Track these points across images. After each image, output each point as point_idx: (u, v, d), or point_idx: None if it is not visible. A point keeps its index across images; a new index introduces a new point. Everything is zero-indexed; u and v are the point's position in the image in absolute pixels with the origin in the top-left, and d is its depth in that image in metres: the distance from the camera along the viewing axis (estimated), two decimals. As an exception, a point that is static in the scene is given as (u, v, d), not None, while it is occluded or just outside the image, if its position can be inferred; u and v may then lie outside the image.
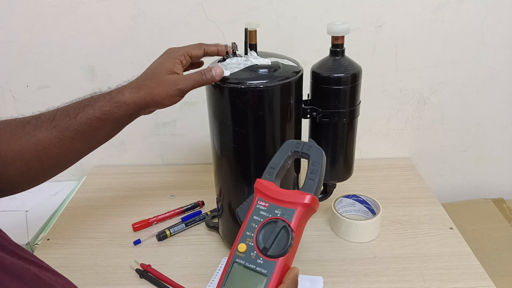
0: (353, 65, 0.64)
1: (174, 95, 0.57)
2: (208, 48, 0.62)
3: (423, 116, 0.98)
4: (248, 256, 0.39)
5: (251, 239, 0.39)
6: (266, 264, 0.38)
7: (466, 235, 0.77)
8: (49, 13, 0.86)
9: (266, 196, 0.41)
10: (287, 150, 0.45)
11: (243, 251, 0.39)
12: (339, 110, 0.64)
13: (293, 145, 0.45)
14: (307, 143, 0.45)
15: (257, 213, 0.40)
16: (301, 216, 0.40)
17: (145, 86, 0.57)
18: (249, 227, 0.40)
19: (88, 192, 0.94)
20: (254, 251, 0.39)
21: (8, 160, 0.51)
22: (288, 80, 0.60)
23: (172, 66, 0.58)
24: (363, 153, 1.02)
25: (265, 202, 0.41)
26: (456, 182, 1.06)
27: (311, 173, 0.42)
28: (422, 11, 0.87)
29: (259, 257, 0.38)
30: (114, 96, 0.57)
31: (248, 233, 0.40)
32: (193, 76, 0.58)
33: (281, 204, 0.40)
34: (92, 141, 0.59)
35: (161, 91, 0.57)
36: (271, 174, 0.43)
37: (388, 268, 0.70)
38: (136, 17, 0.87)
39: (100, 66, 0.92)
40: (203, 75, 0.57)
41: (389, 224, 0.80)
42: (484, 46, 0.91)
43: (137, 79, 0.60)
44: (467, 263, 0.70)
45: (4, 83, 0.93)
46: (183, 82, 0.57)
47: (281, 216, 0.39)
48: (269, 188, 0.41)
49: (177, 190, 0.93)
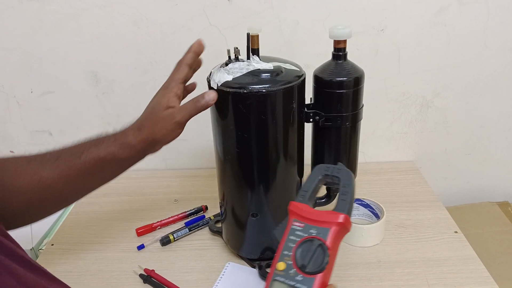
0: (356, 69, 0.64)
1: (174, 129, 0.57)
2: (189, 61, 0.61)
3: (427, 119, 0.98)
4: (287, 274, 0.41)
5: (289, 258, 0.42)
6: (305, 280, 0.40)
7: (470, 238, 0.76)
8: (53, 20, 0.87)
9: (300, 217, 0.43)
10: (318, 174, 0.47)
11: (282, 269, 0.41)
12: (342, 114, 0.64)
13: (323, 169, 0.48)
14: (336, 167, 0.47)
15: (293, 233, 0.43)
16: (336, 234, 0.42)
17: (145, 127, 0.57)
18: (286, 247, 0.42)
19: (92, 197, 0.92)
20: (293, 269, 0.41)
21: (11, 195, 0.52)
22: (291, 84, 0.60)
23: (167, 101, 0.58)
24: (367, 157, 1.02)
25: (300, 222, 0.43)
26: (460, 185, 1.06)
27: (343, 194, 0.44)
28: (424, 14, 0.87)
29: (298, 274, 0.41)
30: (119, 138, 0.57)
31: (285, 252, 0.42)
32: (188, 106, 0.58)
33: (315, 224, 0.42)
34: (95, 180, 0.59)
35: (161, 128, 0.57)
36: (304, 196, 0.45)
37: (393, 273, 0.69)
38: (139, 23, 0.87)
39: (103, 71, 0.92)
40: (197, 102, 0.57)
41: (393, 228, 0.79)
42: (486, 49, 0.91)
43: (138, 120, 0.59)
44: (472, 267, 0.70)
45: (8, 89, 0.93)
46: (179, 114, 0.57)
47: (317, 235, 0.42)
48: (303, 209, 0.44)
49: (181, 194, 0.93)
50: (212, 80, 0.61)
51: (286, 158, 0.65)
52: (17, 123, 0.97)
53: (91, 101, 0.95)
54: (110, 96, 0.95)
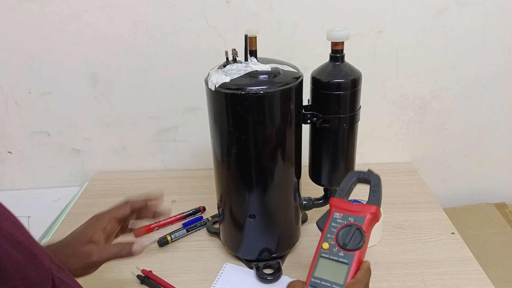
0: (353, 70, 0.64)
1: (88, 267, 0.54)
2: (135, 205, 0.60)
3: (425, 121, 0.98)
4: (331, 251, 0.52)
5: (332, 239, 0.52)
6: (346, 256, 0.51)
7: (468, 240, 0.77)
8: (52, 21, 0.87)
9: (340, 208, 0.55)
10: (352, 177, 0.59)
11: (327, 248, 0.52)
12: (339, 115, 0.64)
13: (356, 174, 0.59)
14: (367, 172, 0.58)
15: (334, 221, 0.54)
16: (370, 221, 0.53)
17: (60, 254, 0.53)
18: (329, 231, 0.53)
19: (90, 198, 0.94)
20: (335, 248, 0.52)
21: None
22: (288, 86, 0.60)
23: (91, 235, 0.56)
24: (365, 158, 1.02)
25: (340, 213, 0.54)
26: (458, 187, 1.06)
27: (373, 191, 0.56)
28: (422, 16, 0.88)
29: (340, 251, 0.51)
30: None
31: (329, 235, 0.53)
32: (111, 249, 0.56)
33: (353, 213, 0.54)
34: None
35: (73, 262, 0.53)
36: (341, 194, 0.57)
37: (390, 274, 0.70)
38: (138, 24, 0.88)
39: (103, 72, 0.92)
40: (122, 250, 0.56)
41: (391, 229, 0.80)
42: (485, 51, 0.91)
43: (59, 242, 0.56)
44: (469, 268, 0.70)
45: (7, 90, 0.94)
46: (98, 254, 0.54)
47: (355, 222, 0.53)
48: (341, 203, 0.55)
49: (179, 195, 0.93)
50: (209, 82, 0.62)
51: (283, 160, 0.65)
52: (16, 123, 0.97)
53: (90, 102, 0.95)
54: (109, 97, 0.95)
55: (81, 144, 1.00)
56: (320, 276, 0.51)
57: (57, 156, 1.01)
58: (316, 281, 0.50)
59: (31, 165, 1.02)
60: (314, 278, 0.51)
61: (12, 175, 1.03)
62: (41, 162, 1.02)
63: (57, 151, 1.00)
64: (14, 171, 1.02)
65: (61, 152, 1.01)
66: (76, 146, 1.00)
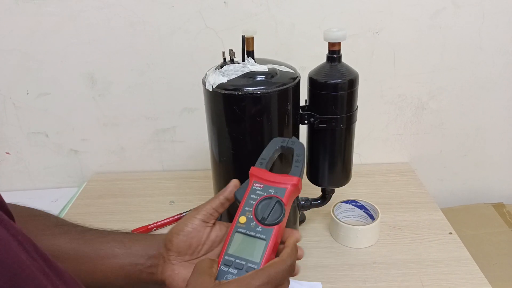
0: (350, 71, 0.64)
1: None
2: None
3: (422, 121, 0.99)
4: (249, 226, 0.47)
5: (250, 213, 0.48)
6: (264, 231, 0.47)
7: (465, 240, 0.77)
8: (50, 22, 0.87)
9: (260, 179, 0.50)
10: (275, 145, 0.54)
11: (244, 222, 0.47)
12: (337, 115, 0.64)
13: (280, 141, 0.54)
14: (291, 140, 0.54)
15: (253, 192, 0.49)
16: (291, 193, 0.49)
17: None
18: (247, 204, 0.49)
19: (88, 199, 0.94)
20: (253, 222, 0.47)
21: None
22: (285, 86, 0.60)
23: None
24: (362, 158, 1.03)
25: (260, 184, 0.50)
26: (456, 187, 1.06)
27: (296, 161, 0.52)
28: (419, 17, 0.88)
29: (258, 226, 0.47)
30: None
31: (247, 208, 0.48)
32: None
33: (274, 184, 0.49)
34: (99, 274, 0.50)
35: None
36: (262, 163, 0.52)
37: (387, 274, 0.70)
38: (136, 25, 0.88)
39: (100, 73, 0.92)
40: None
41: (388, 230, 0.80)
42: (482, 51, 0.91)
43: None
44: (466, 268, 0.70)
45: (5, 91, 0.94)
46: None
47: (275, 194, 0.49)
48: (262, 173, 0.50)
49: (177, 196, 0.93)
50: (207, 82, 0.62)
51: (280, 160, 0.65)
52: (14, 124, 0.97)
53: (88, 103, 0.95)
54: (106, 97, 0.95)
55: (79, 144, 1.00)
56: (235, 253, 0.46)
57: (55, 157, 1.01)
58: (230, 259, 0.46)
59: (29, 165, 1.02)
60: (228, 256, 0.46)
61: (9, 175, 1.03)
62: (39, 163, 1.02)
63: (55, 151, 1.00)
64: (11, 172, 1.02)
65: (59, 153, 1.01)
66: (74, 147, 1.00)
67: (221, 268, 0.45)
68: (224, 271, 0.45)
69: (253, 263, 0.45)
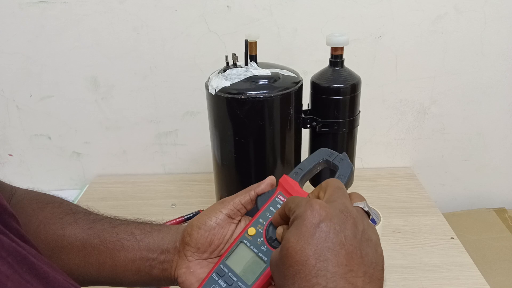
0: (352, 75, 0.65)
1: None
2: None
3: (424, 126, 0.99)
4: (255, 241, 0.41)
5: (262, 227, 0.41)
6: (268, 252, 0.40)
7: (467, 245, 0.77)
8: (53, 25, 0.88)
9: (287, 192, 0.42)
10: (319, 156, 0.45)
11: (252, 235, 0.41)
12: (339, 120, 0.65)
13: (327, 153, 0.45)
14: (340, 155, 0.45)
15: (274, 205, 0.42)
16: None
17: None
18: (263, 215, 0.42)
19: (90, 201, 0.94)
20: (261, 238, 0.41)
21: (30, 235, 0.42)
22: (288, 90, 0.61)
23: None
24: (364, 163, 1.03)
25: (284, 197, 0.42)
26: (457, 192, 1.06)
27: None
28: (421, 22, 0.88)
29: (264, 245, 0.40)
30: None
31: (261, 220, 0.42)
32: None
33: None
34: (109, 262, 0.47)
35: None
36: (297, 174, 0.44)
37: (389, 279, 0.70)
38: (139, 28, 0.88)
39: (103, 77, 0.93)
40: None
41: (389, 234, 0.80)
42: (483, 57, 0.91)
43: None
44: (468, 274, 0.70)
45: (8, 93, 0.94)
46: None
47: None
48: (292, 186, 0.43)
49: (178, 199, 0.93)
50: (210, 86, 0.62)
51: (283, 164, 0.65)
52: (17, 127, 0.97)
53: (91, 106, 0.96)
54: (109, 101, 0.95)
55: (81, 147, 1.00)
56: (231, 265, 0.41)
57: (57, 160, 1.01)
58: (224, 270, 0.41)
59: (31, 168, 1.02)
60: (224, 265, 0.41)
61: (12, 178, 1.02)
62: (42, 165, 1.02)
63: (58, 154, 1.01)
64: (14, 174, 1.03)
65: (61, 156, 1.01)
66: (76, 150, 1.01)
67: (212, 275, 0.41)
68: (214, 280, 0.41)
69: (244, 284, 0.40)
